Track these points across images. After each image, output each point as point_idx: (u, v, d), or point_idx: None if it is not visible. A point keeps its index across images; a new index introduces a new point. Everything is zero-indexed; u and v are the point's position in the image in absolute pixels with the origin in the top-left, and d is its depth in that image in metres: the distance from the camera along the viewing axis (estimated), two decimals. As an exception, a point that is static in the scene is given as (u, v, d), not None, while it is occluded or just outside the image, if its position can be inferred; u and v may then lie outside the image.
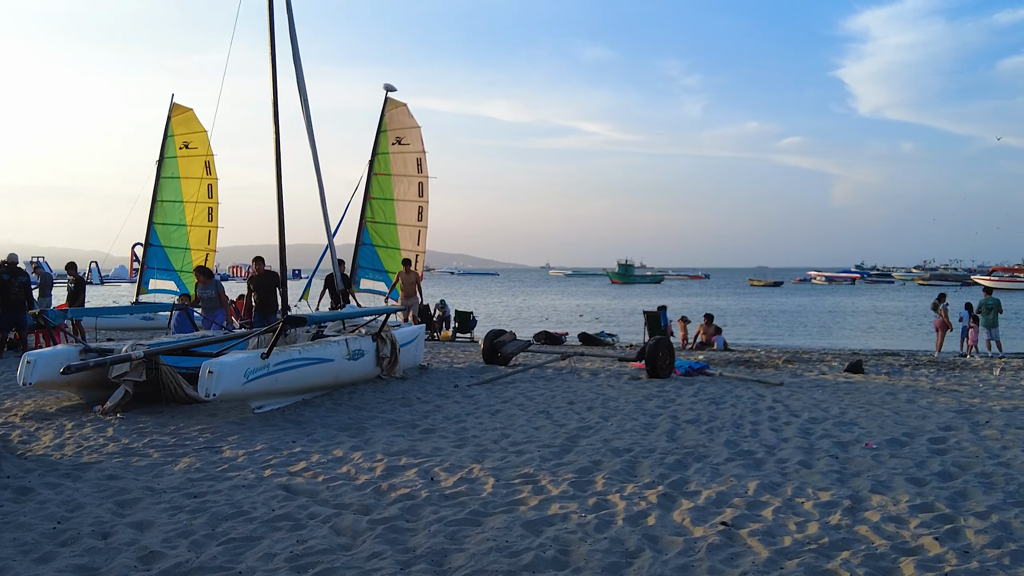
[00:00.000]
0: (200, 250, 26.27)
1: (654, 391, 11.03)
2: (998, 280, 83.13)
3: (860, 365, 13.46)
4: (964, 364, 14.85)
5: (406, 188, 30.43)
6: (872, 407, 9.77)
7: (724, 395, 10.73)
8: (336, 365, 10.60)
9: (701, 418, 9.02)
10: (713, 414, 9.28)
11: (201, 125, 26.23)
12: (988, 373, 13.39)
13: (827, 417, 9.06)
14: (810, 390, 11.28)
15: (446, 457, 7.18)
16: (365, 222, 30.17)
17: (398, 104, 30.98)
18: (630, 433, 8.20)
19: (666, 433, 8.19)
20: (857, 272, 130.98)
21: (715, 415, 9.23)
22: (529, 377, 12.41)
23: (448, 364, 14.40)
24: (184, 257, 25.75)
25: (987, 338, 21.10)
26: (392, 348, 11.79)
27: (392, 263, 30.58)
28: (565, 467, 6.79)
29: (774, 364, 14.70)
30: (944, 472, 6.56)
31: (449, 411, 9.50)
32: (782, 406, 9.84)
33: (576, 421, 8.85)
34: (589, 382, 12.00)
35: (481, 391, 11.00)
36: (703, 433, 8.19)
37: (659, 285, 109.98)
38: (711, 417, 9.09)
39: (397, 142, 30.75)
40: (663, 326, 22.25)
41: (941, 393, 10.98)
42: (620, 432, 8.25)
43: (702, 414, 9.26)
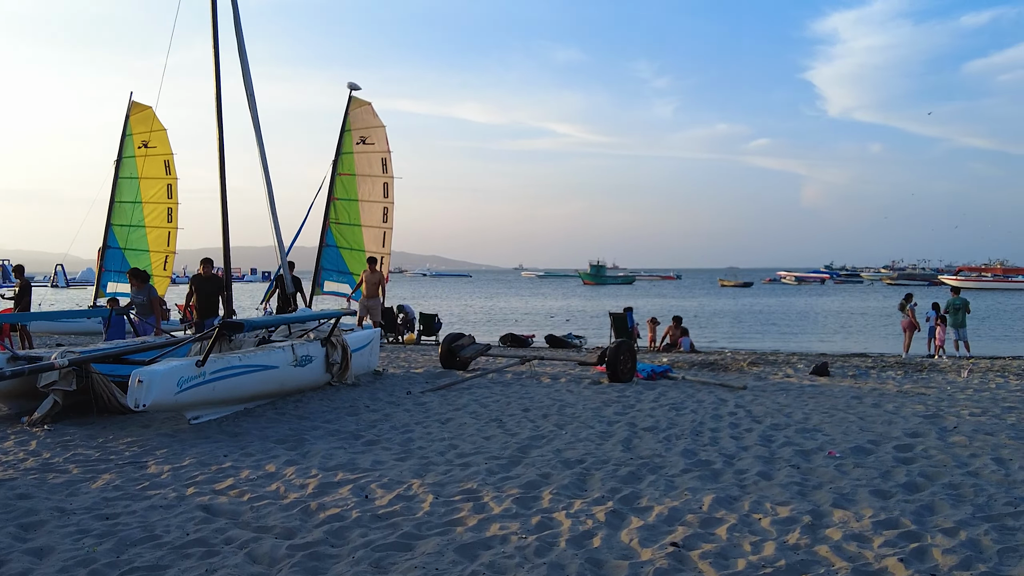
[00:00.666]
0: (159, 252, 25.55)
1: (614, 396, 10.64)
2: (964, 279, 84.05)
3: (826, 368, 13.17)
4: (931, 366, 14.62)
5: (371, 189, 29.88)
6: (837, 412, 9.45)
7: (685, 400, 10.36)
8: (281, 372, 10.09)
9: (660, 425, 8.64)
10: (672, 420, 8.91)
11: (160, 123, 25.48)
12: (956, 376, 13.15)
13: (790, 423, 8.72)
14: (774, 394, 10.96)
15: (386, 471, 6.72)
16: (329, 223, 29.57)
17: (362, 103, 30.42)
18: (584, 442, 7.79)
19: (622, 442, 7.79)
20: (826, 272, 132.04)
21: (674, 422, 8.85)
22: (486, 382, 11.97)
23: (405, 369, 13.92)
24: (143, 259, 25.02)
25: (955, 338, 20.96)
26: (343, 353, 11.29)
27: (356, 265, 29.98)
28: (511, 481, 6.37)
29: (739, 367, 14.37)
30: (910, 483, 6.21)
31: (397, 420, 9.03)
32: (744, 411, 9.49)
33: (529, 430, 8.43)
34: (548, 387, 11.58)
35: (434, 398, 10.54)
36: (660, 442, 7.81)
37: (631, 286, 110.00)
38: (670, 424, 8.71)
39: (361, 142, 30.20)
40: (629, 328, 21.90)
41: (908, 397, 10.70)
42: (574, 441, 7.84)
43: (661, 421, 8.88)
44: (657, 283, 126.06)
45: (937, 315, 21.20)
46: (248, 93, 12.67)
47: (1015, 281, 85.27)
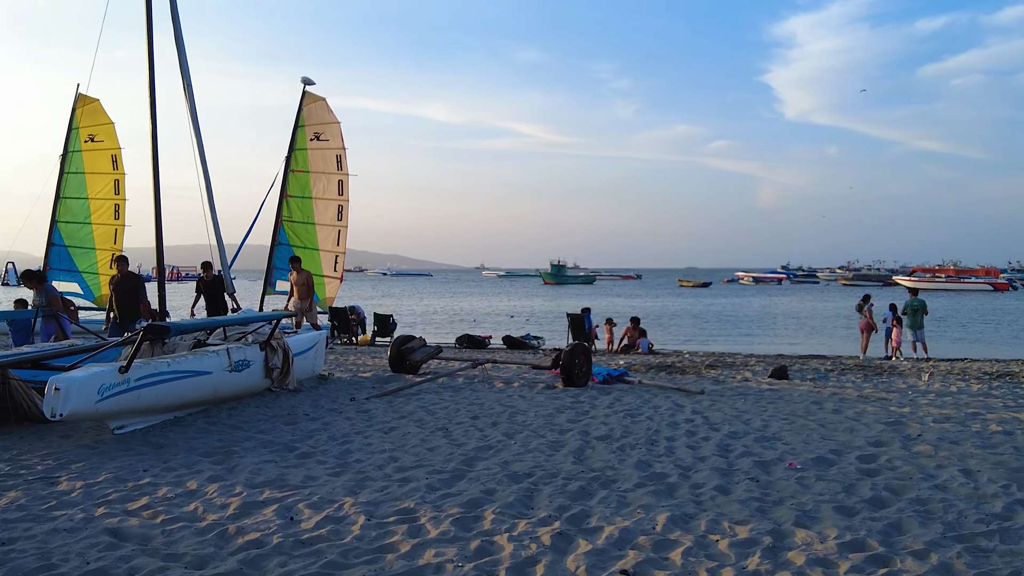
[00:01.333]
0: (106, 250, 24.63)
1: (567, 402, 10.22)
2: (918, 280, 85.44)
3: (784, 371, 12.89)
4: (891, 369, 14.42)
5: (325, 186, 29.18)
6: (796, 418, 9.12)
7: (641, 406, 9.97)
8: (215, 378, 9.50)
9: (614, 434, 8.22)
10: (627, 428, 8.49)
11: (108, 117, 24.57)
12: (916, 379, 12.95)
13: (748, 431, 8.36)
14: (732, 399, 10.62)
15: (317, 489, 6.20)
16: (282, 221, 28.83)
17: (316, 98, 29.70)
18: (534, 454, 7.34)
19: (573, 453, 7.35)
20: (783, 273, 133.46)
21: (629, 430, 8.44)
22: (436, 387, 11.47)
23: (353, 373, 13.36)
24: (89, 257, 24.14)
25: (912, 340, 20.94)
26: (284, 357, 10.72)
27: (311, 264, 29.24)
28: (452, 499, 5.89)
29: (697, 370, 14.04)
30: (876, 498, 5.85)
31: (337, 429, 8.50)
32: (701, 418, 9.12)
33: (476, 440, 7.95)
34: (500, 393, 11.11)
35: (379, 405, 10.01)
36: (614, 452, 7.38)
37: (591, 286, 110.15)
38: (624, 432, 8.29)
39: (316, 138, 29.49)
40: (587, 329, 21.55)
41: (869, 402, 10.42)
42: (523, 452, 7.39)
43: (615, 429, 8.47)
44: (618, 283, 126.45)
45: (894, 316, 21.18)
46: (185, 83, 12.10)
47: (968, 282, 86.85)
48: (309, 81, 28.78)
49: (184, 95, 12.14)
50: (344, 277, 29.09)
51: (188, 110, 12.16)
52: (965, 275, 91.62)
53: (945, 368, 14.66)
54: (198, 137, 12.17)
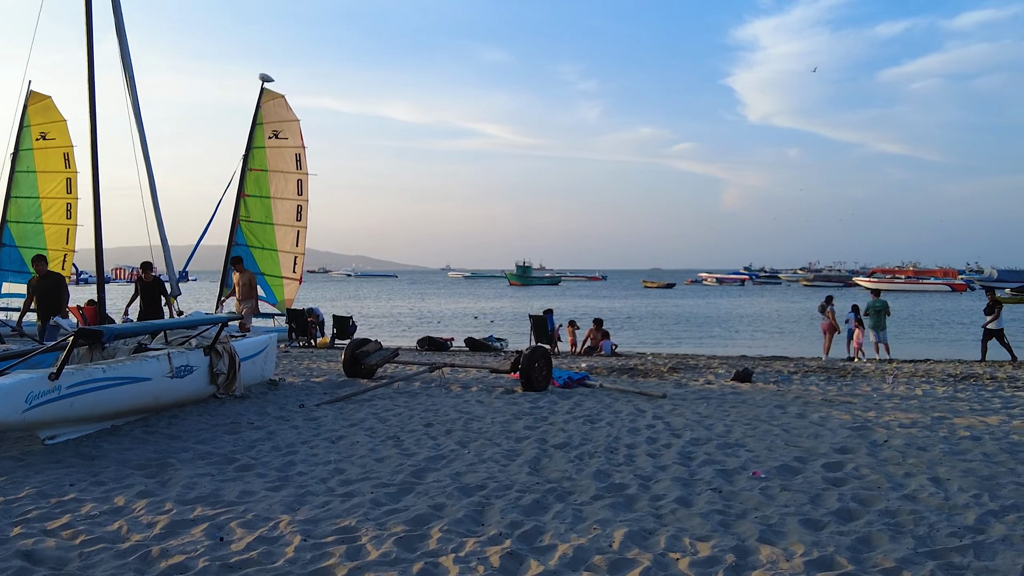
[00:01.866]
0: (58, 250, 23.92)
1: (526, 407, 9.88)
2: (878, 281, 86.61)
3: (748, 373, 12.67)
4: (854, 371, 14.30)
5: (284, 185, 28.58)
6: (760, 423, 8.87)
7: (602, 411, 9.67)
8: (154, 385, 9.01)
9: (572, 441, 7.89)
10: (586, 435, 8.17)
11: (60, 114, 23.87)
12: (880, 382, 12.81)
13: (711, 437, 8.08)
14: (694, 403, 10.36)
15: (253, 505, 5.79)
16: (239, 221, 28.19)
17: (275, 95, 29.10)
18: (488, 464, 6.99)
19: (529, 463, 7.01)
20: (746, 274, 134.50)
21: (588, 436, 8.12)
22: (391, 393, 11.07)
23: (306, 377, 12.90)
24: (41, 258, 23.42)
25: (875, 341, 20.94)
26: (230, 362, 10.25)
27: (269, 264, 28.66)
28: (397, 515, 5.51)
29: (659, 372, 13.79)
30: (844, 510, 5.58)
31: (282, 439, 8.07)
32: (663, 423, 8.83)
33: (428, 449, 7.58)
34: (456, 398, 10.75)
35: (329, 412, 9.59)
36: (571, 462, 7.05)
37: (557, 287, 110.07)
38: (583, 440, 7.96)
39: (274, 136, 28.89)
40: (550, 331, 21.27)
41: (833, 406, 10.22)
42: (476, 463, 7.03)
43: (574, 436, 8.14)
44: (583, 284, 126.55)
45: (856, 317, 21.17)
46: (128, 76, 11.60)
47: (926, 283, 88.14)
48: (267, 78, 28.15)
49: (126, 91, 11.64)
50: (304, 278, 28.54)
51: (131, 105, 11.66)
52: (924, 276, 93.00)
53: (909, 370, 14.57)
54: (142, 135, 11.71)
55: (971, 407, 10.13)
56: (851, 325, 21.28)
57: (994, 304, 19.29)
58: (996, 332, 19.15)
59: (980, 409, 9.95)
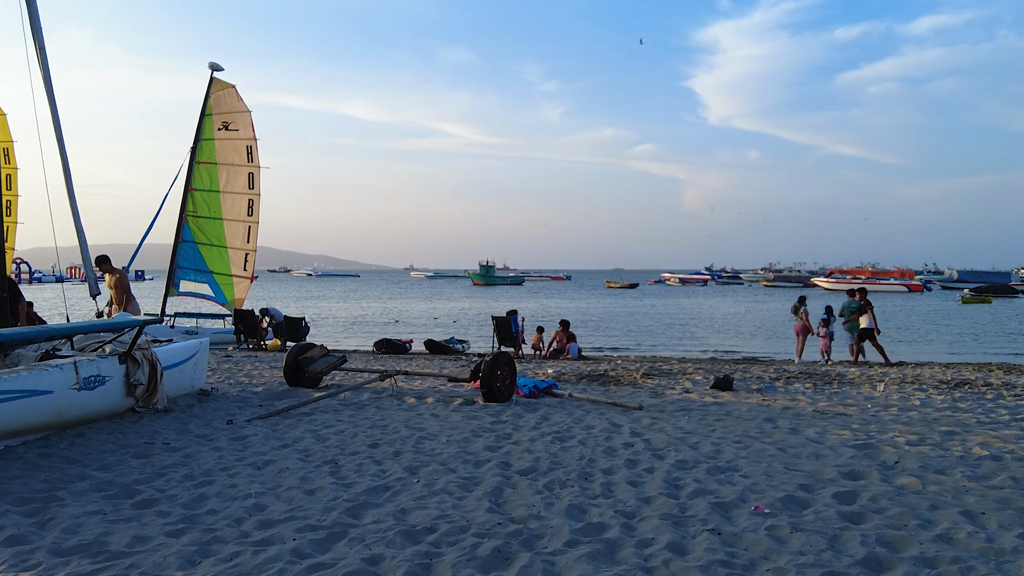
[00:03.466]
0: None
1: (487, 422, 8.76)
2: (836, 282, 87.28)
3: (728, 381, 11.65)
4: (840, 377, 13.38)
5: (234, 178, 27.19)
6: (751, 441, 7.84)
7: (572, 426, 8.58)
8: (57, 398, 7.75)
9: (540, 465, 6.79)
10: (556, 458, 7.08)
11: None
12: (870, 389, 11.87)
13: (698, 459, 7.03)
14: (674, 415, 9.32)
15: (143, 558, 4.60)
16: (186, 216, 26.76)
17: (225, 85, 27.63)
18: (440, 497, 5.86)
19: (490, 494, 5.90)
20: (708, 274, 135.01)
21: (558, 459, 7.03)
22: (336, 405, 9.87)
23: (244, 386, 11.65)
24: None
25: (849, 343, 20.23)
26: (150, 371, 9.00)
27: (218, 262, 27.17)
28: (321, 573, 4.38)
29: (632, 379, 12.74)
30: (872, 559, 4.55)
31: (198, 464, 6.86)
32: (642, 441, 7.76)
33: (371, 477, 6.42)
34: (409, 410, 9.59)
35: (261, 429, 8.36)
36: (539, 492, 5.95)
37: (520, 286, 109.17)
38: (553, 463, 6.87)
39: (224, 127, 27.45)
40: (514, 333, 20.17)
41: (827, 418, 9.24)
42: (426, 495, 5.90)
43: (542, 458, 7.04)
44: (547, 284, 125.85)
45: (828, 318, 20.47)
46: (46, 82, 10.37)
47: (884, 283, 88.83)
48: (217, 67, 26.69)
49: (41, 74, 10.35)
50: (265, 277, 27.14)
51: (45, 89, 10.36)
52: (882, 276, 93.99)
53: (896, 376, 13.69)
54: (56, 124, 10.44)
55: (977, 419, 9.21)
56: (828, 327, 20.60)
57: (865, 305, 19.19)
58: (867, 332, 18.99)
59: (988, 422, 9.03)
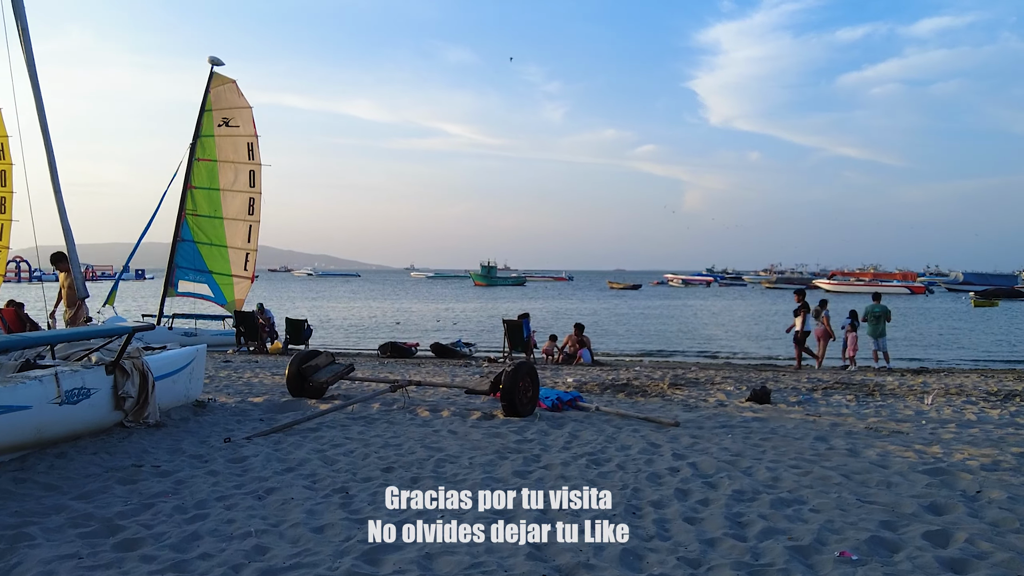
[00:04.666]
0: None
1: (511, 441, 7.93)
2: (837, 283, 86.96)
3: (766, 393, 10.79)
4: (878, 387, 12.56)
5: (235, 176, 26.50)
6: (809, 465, 7.02)
7: (606, 445, 7.76)
8: (35, 414, 6.96)
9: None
10: (595, 486, 6.26)
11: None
12: (917, 401, 11.05)
13: (756, 488, 6.21)
14: (715, 433, 8.49)
15: (118, 622, 3.82)
16: (185, 215, 26.07)
17: (226, 80, 26.91)
18: (468, 540, 5.06)
19: (527, 538, 5.08)
20: (711, 275, 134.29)
21: (596, 486, 6.21)
22: (343, 419, 9.05)
23: (244, 395, 10.84)
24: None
25: (873, 348, 19.48)
26: (141, 382, 8.20)
27: (217, 262, 26.42)
28: (337, 645, 3.58)
29: (659, 389, 11.91)
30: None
31: (192, 493, 6.04)
32: (687, 465, 6.94)
33: (386, 512, 5.61)
34: (424, 426, 8.77)
35: (262, 448, 7.54)
36: (583, 532, 5.15)
37: (522, 287, 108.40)
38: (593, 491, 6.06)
39: (224, 123, 26.75)
40: (525, 337, 19.37)
41: (882, 436, 8.42)
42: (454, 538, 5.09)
43: (579, 486, 6.23)
44: (549, 284, 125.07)
45: (851, 322, 19.74)
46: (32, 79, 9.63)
47: (886, 285, 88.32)
48: (217, 61, 25.96)
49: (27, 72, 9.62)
50: (265, 277, 26.45)
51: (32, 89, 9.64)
52: (884, 278, 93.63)
53: (937, 386, 12.86)
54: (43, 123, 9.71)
55: (1048, 438, 8.40)
56: (846, 330, 19.88)
57: (801, 307, 18.76)
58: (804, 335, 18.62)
59: (1062, 442, 8.22)
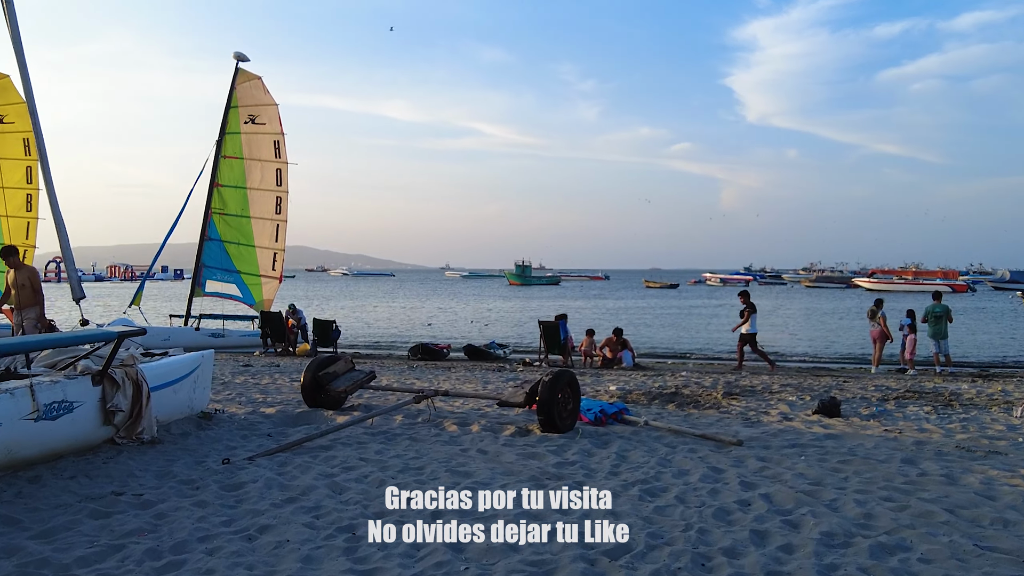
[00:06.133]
0: (17, 246, 21.23)
1: (551, 463, 6.88)
2: (877, 282, 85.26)
3: (836, 405, 9.58)
4: (954, 396, 11.33)
5: (261, 175, 25.90)
6: (903, 496, 5.87)
7: (660, 470, 6.68)
8: (7, 431, 6.09)
9: (635, 540, 4.90)
10: (652, 524, 5.18)
11: (19, 95, 21.18)
12: (1003, 413, 9.79)
13: (849, 530, 5.08)
14: (785, 455, 7.36)
15: None
16: (212, 213, 25.49)
17: (251, 77, 26.33)
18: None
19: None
20: (749, 274, 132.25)
21: (656, 527, 5.13)
22: (361, 434, 8.06)
23: (257, 404, 9.94)
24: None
25: (935, 351, 18.18)
26: (134, 394, 7.31)
27: (245, 262, 25.82)
28: None
29: (713, 400, 10.77)
30: None
31: (173, 529, 5.09)
32: (760, 498, 5.83)
33: (401, 559, 4.61)
34: (450, 443, 7.73)
35: (266, 470, 6.57)
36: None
37: (557, 286, 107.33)
38: (651, 536, 4.95)
39: (250, 120, 26.17)
40: (562, 339, 18.31)
41: (977, 458, 7.23)
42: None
43: (634, 526, 5.13)
44: (585, 284, 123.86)
45: (910, 323, 18.46)
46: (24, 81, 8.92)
47: (927, 283, 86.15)
48: (242, 57, 25.35)
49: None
50: (301, 277, 25.78)
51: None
52: (924, 276, 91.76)
53: (1018, 393, 11.56)
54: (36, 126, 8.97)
55: None
56: (905, 332, 18.62)
57: (747, 308, 17.92)
58: (748, 337, 17.79)
59: None
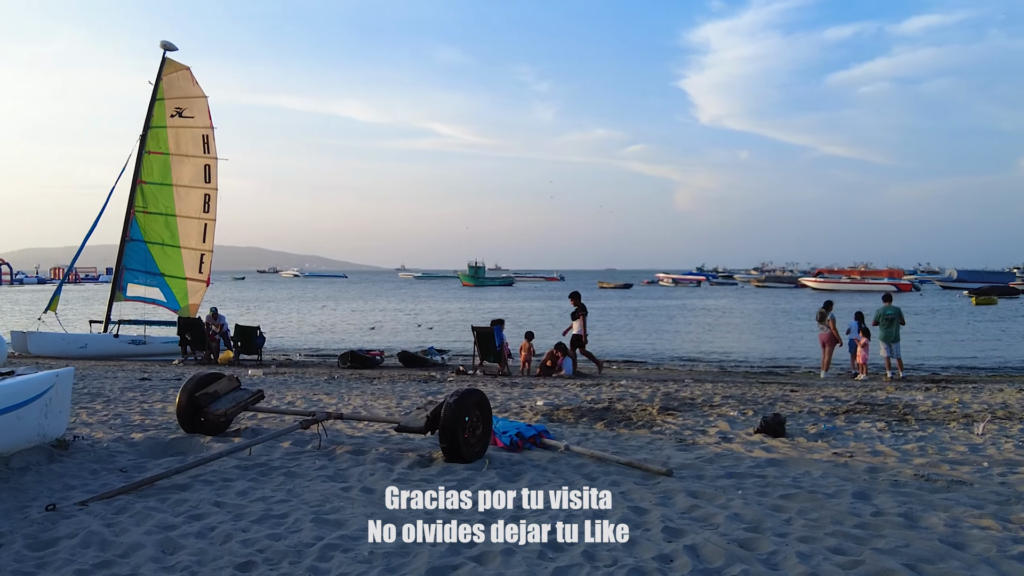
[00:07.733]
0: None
1: (440, 508, 5.80)
2: (824, 281, 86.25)
3: (780, 424, 8.61)
4: (909, 408, 10.51)
5: (189, 171, 24.65)
6: (855, 546, 4.88)
7: (571, 513, 5.59)
8: None
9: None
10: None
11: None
12: (963, 431, 8.93)
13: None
14: (720, 487, 6.34)
15: None
16: (134, 212, 24.12)
17: (179, 67, 25.03)
18: None
19: None
20: (701, 274, 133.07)
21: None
22: (231, 468, 6.85)
23: (128, 429, 8.71)
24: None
25: (886, 355, 17.56)
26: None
27: (170, 264, 24.52)
28: None
29: (647, 417, 9.77)
30: None
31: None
32: (683, 551, 4.78)
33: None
34: (333, 480, 6.55)
35: (92, 521, 5.35)
36: None
37: (510, 287, 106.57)
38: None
39: (177, 114, 24.86)
40: (498, 346, 17.28)
41: (939, 489, 6.29)
42: None
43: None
44: (540, 284, 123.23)
45: (860, 327, 17.85)
46: None
47: (872, 283, 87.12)
48: (170, 46, 23.99)
49: None
50: (252, 278, 24.44)
51: None
52: (870, 276, 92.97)
53: (978, 407, 10.78)
54: None
55: None
56: (854, 335, 18.01)
57: (578, 310, 17.71)
58: (577, 340, 17.53)
59: None
